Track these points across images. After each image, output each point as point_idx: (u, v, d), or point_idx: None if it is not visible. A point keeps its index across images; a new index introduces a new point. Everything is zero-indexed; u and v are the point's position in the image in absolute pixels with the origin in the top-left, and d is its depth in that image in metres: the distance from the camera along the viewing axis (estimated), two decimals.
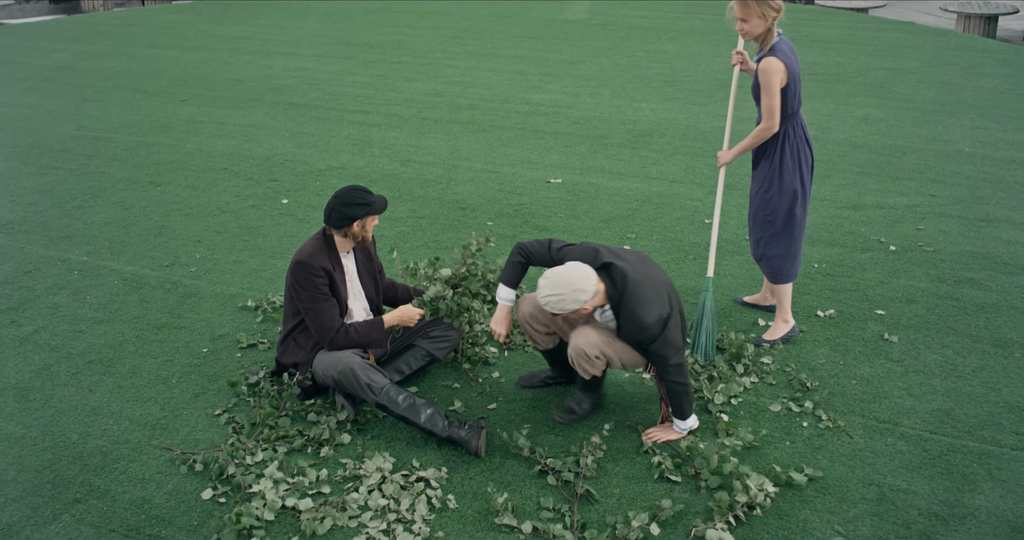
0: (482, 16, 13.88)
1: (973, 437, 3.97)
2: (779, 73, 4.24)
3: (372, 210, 4.04)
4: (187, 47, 12.13)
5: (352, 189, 4.04)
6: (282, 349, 4.31)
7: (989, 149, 7.55)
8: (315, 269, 4.02)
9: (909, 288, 5.29)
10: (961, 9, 16.73)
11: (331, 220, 4.06)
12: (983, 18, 16.39)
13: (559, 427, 4.06)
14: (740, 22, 4.30)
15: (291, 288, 4.12)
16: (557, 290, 3.53)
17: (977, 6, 16.91)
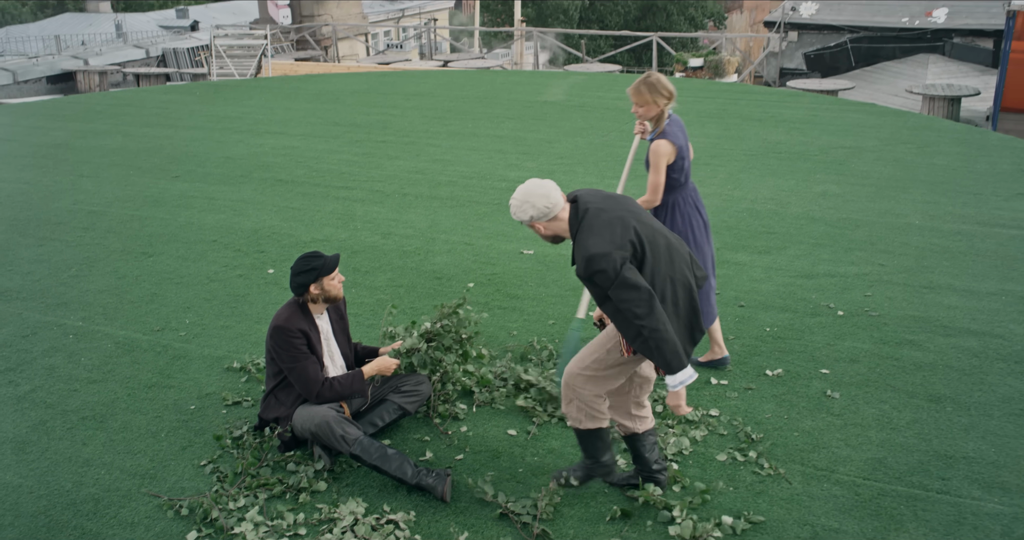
0: (465, 98, 14.48)
1: (903, 482, 4.31)
2: (667, 154, 4.83)
3: (321, 272, 4.42)
4: (180, 126, 12.63)
5: (301, 258, 4.46)
6: (264, 406, 4.64)
7: (937, 221, 8.01)
8: (293, 332, 4.38)
9: (853, 349, 5.66)
10: (925, 91, 17.53)
11: (293, 290, 4.47)
12: (946, 100, 17.16)
13: (521, 475, 4.38)
14: (636, 106, 4.91)
15: (271, 351, 4.47)
16: (518, 196, 3.65)
17: (940, 88, 17.70)
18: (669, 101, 4.90)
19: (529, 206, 3.64)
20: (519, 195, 3.67)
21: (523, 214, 3.67)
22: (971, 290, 6.56)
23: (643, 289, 3.53)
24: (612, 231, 3.57)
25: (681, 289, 3.70)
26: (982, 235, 7.69)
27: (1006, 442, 4.65)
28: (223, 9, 51.37)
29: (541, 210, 3.63)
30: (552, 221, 3.68)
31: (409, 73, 18.08)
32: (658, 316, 3.54)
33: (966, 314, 6.16)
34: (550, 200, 3.63)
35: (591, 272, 3.55)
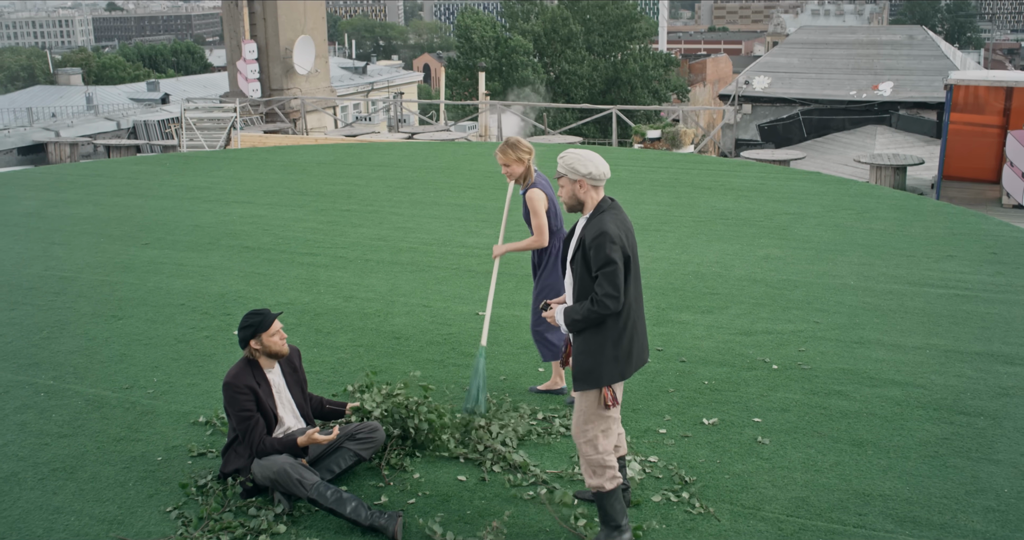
0: (428, 168, 14.97)
1: (823, 518, 4.65)
2: (542, 200, 5.54)
3: (259, 329, 4.81)
4: (150, 195, 12.98)
5: (245, 315, 4.91)
6: (225, 459, 4.94)
7: (871, 282, 8.48)
8: (239, 388, 4.75)
9: (785, 400, 6.04)
10: (873, 161, 18.26)
11: (240, 345, 4.92)
12: (892, 169, 17.89)
13: (468, 516, 4.68)
14: (504, 167, 5.63)
15: (225, 402, 4.81)
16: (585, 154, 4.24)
17: (887, 158, 18.46)
18: (530, 156, 5.62)
19: (592, 165, 4.21)
20: (584, 154, 4.24)
21: (580, 167, 4.21)
22: (898, 344, 6.99)
23: (619, 286, 4.09)
24: (624, 229, 4.20)
25: (638, 312, 4.27)
26: (912, 294, 8.16)
27: (920, 481, 5.02)
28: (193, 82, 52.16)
29: (596, 173, 4.20)
30: (592, 189, 4.25)
31: (375, 145, 18.60)
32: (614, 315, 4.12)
33: (892, 366, 6.58)
34: (605, 171, 4.25)
35: (597, 244, 4.09)
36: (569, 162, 4.25)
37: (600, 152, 17.05)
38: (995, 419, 5.78)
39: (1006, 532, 4.55)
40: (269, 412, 4.85)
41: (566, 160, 4.27)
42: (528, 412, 5.81)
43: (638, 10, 66.86)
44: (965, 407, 5.95)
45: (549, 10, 63.25)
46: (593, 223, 4.18)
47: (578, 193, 4.27)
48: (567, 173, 4.25)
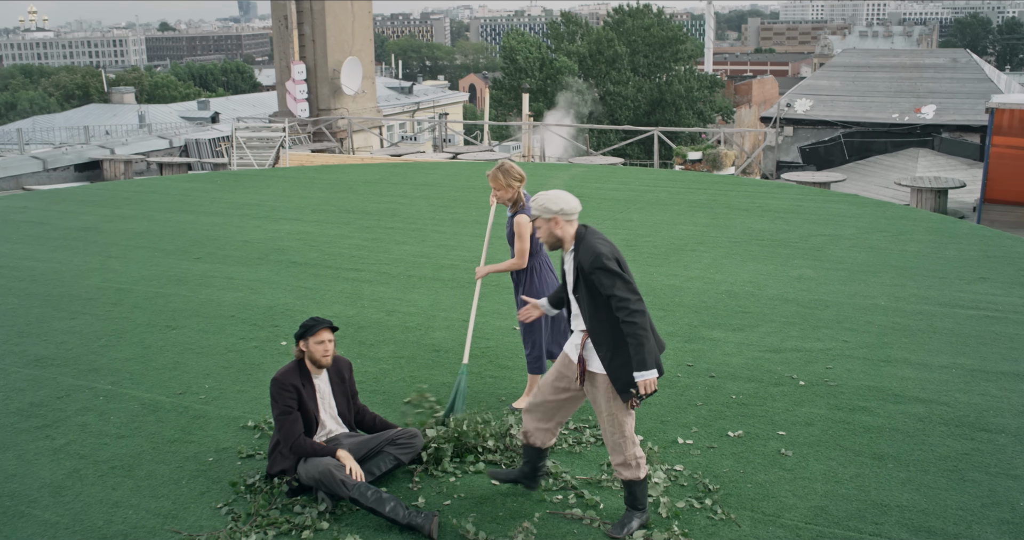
0: (471, 187, 15.31)
1: (840, 526, 4.85)
2: (528, 225, 5.81)
3: (307, 333, 5.17)
4: (202, 212, 13.44)
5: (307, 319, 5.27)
6: (271, 460, 5.26)
7: (901, 303, 8.63)
8: (284, 385, 5.09)
9: (810, 414, 6.24)
10: (914, 184, 18.31)
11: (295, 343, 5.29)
12: (933, 192, 17.93)
13: (501, 517, 4.94)
14: (494, 190, 5.99)
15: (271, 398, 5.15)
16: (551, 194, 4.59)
17: (928, 181, 18.50)
18: (521, 183, 5.96)
19: (562, 202, 4.55)
20: (553, 194, 4.59)
21: (552, 205, 4.55)
22: (924, 363, 7.14)
23: (637, 290, 4.45)
24: (611, 246, 4.55)
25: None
26: (941, 315, 8.30)
27: (937, 494, 5.19)
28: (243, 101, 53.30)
29: (567, 209, 4.55)
30: (568, 223, 4.59)
31: (419, 164, 19.00)
32: (646, 315, 4.44)
33: (917, 384, 6.74)
34: (576, 205, 4.59)
35: (598, 266, 4.41)
36: (541, 203, 4.58)
37: (642, 173, 17.36)
38: (1016, 436, 5.93)
39: None
40: (311, 415, 5.17)
41: (538, 202, 4.60)
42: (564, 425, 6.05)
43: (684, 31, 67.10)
44: (987, 424, 6.10)
45: (594, 31, 63.71)
46: (582, 250, 4.51)
47: (555, 230, 4.60)
48: (541, 214, 4.59)
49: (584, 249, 4.51)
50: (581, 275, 4.52)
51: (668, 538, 4.70)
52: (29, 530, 4.93)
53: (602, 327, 4.53)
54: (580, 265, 4.51)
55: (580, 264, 4.51)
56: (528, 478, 5.13)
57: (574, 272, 4.57)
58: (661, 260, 10.28)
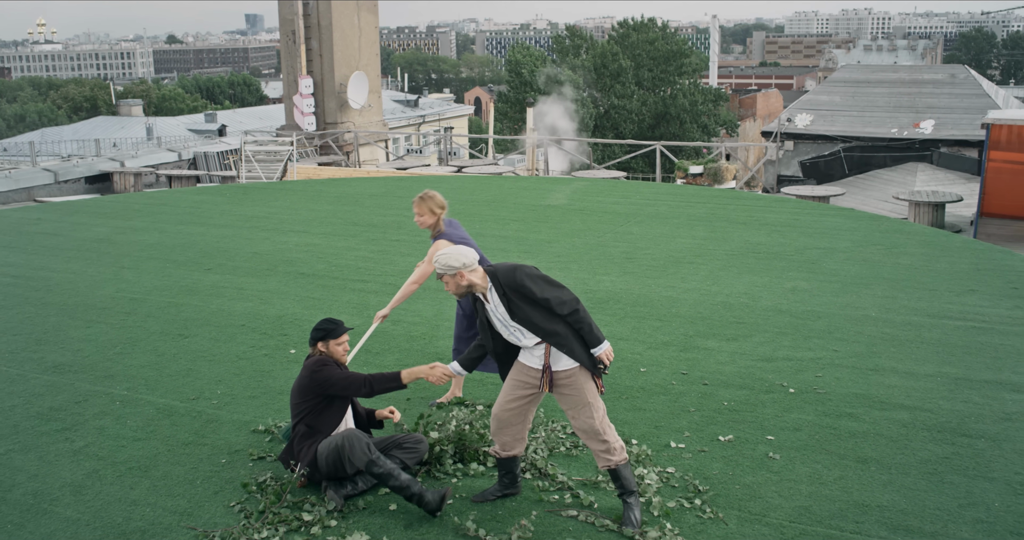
0: (474, 201, 15.61)
1: (822, 525, 5.10)
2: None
3: (329, 335, 5.45)
4: (212, 224, 13.75)
5: (322, 320, 5.53)
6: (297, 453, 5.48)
7: (892, 314, 8.89)
8: (328, 363, 5.39)
9: (798, 420, 6.49)
10: (911, 198, 18.58)
11: (309, 344, 5.55)
12: (931, 206, 18.19)
13: (500, 515, 5.20)
14: (417, 216, 6.39)
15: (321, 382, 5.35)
16: (450, 251, 4.89)
17: (925, 195, 18.76)
18: (443, 211, 6.40)
19: (460, 257, 4.87)
20: (452, 251, 4.91)
21: (455, 262, 4.87)
22: (911, 372, 7.40)
23: (559, 284, 4.88)
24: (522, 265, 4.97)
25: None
26: (930, 325, 8.56)
27: (917, 495, 5.45)
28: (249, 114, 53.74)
29: (467, 261, 4.88)
30: (471, 272, 4.90)
31: (424, 178, 19.31)
32: (578, 300, 4.89)
33: (903, 392, 7.00)
34: (472, 255, 4.93)
35: (525, 275, 4.84)
36: (444, 263, 4.89)
37: (643, 187, 17.66)
38: (995, 441, 6.18)
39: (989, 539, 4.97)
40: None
41: (439, 263, 4.90)
42: (559, 427, 6.33)
43: (688, 45, 67.50)
44: (968, 430, 6.35)
45: (599, 45, 64.14)
46: (501, 276, 4.88)
47: (462, 282, 4.92)
48: (446, 272, 4.91)
49: (503, 273, 4.89)
50: (514, 297, 4.85)
51: (659, 536, 4.95)
52: (52, 526, 5.20)
53: (557, 328, 4.88)
54: (507, 288, 4.85)
55: (507, 287, 4.85)
56: (511, 486, 5.39)
57: (504, 302, 4.88)
58: (659, 272, 10.55)
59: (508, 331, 4.97)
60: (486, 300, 4.97)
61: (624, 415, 6.58)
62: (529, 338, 4.96)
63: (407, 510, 5.28)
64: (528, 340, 4.97)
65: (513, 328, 4.94)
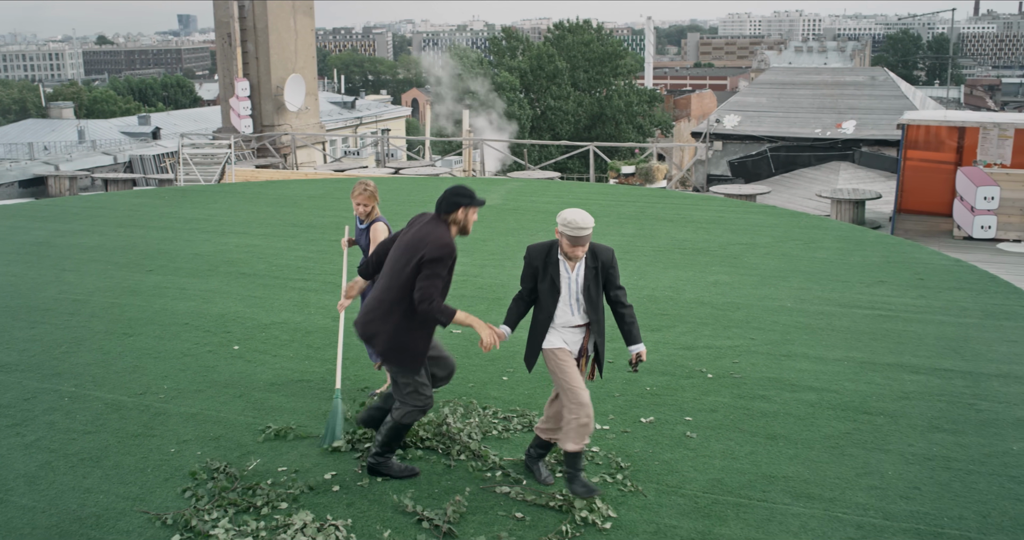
0: (412, 202, 15.94)
1: (732, 494, 5.58)
2: (384, 231, 6.77)
3: (472, 202, 5.35)
4: (151, 226, 13.90)
5: (459, 186, 5.40)
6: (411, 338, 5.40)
7: (806, 304, 9.45)
8: (454, 256, 5.33)
9: (714, 402, 6.98)
10: (833, 195, 19.34)
11: (442, 207, 5.36)
12: (852, 203, 18.96)
13: (436, 493, 5.58)
14: (363, 206, 6.91)
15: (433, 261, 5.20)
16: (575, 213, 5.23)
17: (846, 193, 19.53)
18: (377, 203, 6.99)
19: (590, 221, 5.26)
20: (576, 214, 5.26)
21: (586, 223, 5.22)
22: (821, 357, 7.94)
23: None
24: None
25: None
26: (840, 314, 9.13)
27: (819, 466, 5.95)
28: (184, 116, 53.22)
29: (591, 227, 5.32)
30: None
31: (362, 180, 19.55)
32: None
33: (812, 375, 7.53)
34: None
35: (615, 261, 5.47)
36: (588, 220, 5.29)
37: (575, 187, 18.14)
38: (893, 417, 6.73)
39: (882, 504, 5.48)
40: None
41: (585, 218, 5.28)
42: (491, 413, 6.73)
43: (624, 46, 68.42)
44: (869, 408, 6.89)
45: (535, 47, 64.76)
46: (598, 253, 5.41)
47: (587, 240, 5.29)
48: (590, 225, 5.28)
49: (603, 250, 5.37)
50: (600, 274, 5.32)
51: (583, 505, 5.37)
52: (9, 514, 5.45)
53: (601, 317, 5.42)
54: (602, 263, 5.33)
55: (603, 262, 5.33)
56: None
57: (589, 274, 5.31)
58: None
59: (569, 301, 5.37)
60: (570, 268, 5.34)
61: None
62: (578, 316, 5.39)
63: (350, 490, 5.64)
64: (576, 318, 5.40)
65: (577, 302, 5.37)
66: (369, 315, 5.54)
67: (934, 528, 5.24)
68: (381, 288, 5.52)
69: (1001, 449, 6.25)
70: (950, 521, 5.31)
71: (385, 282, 5.50)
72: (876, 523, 5.29)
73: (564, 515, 5.31)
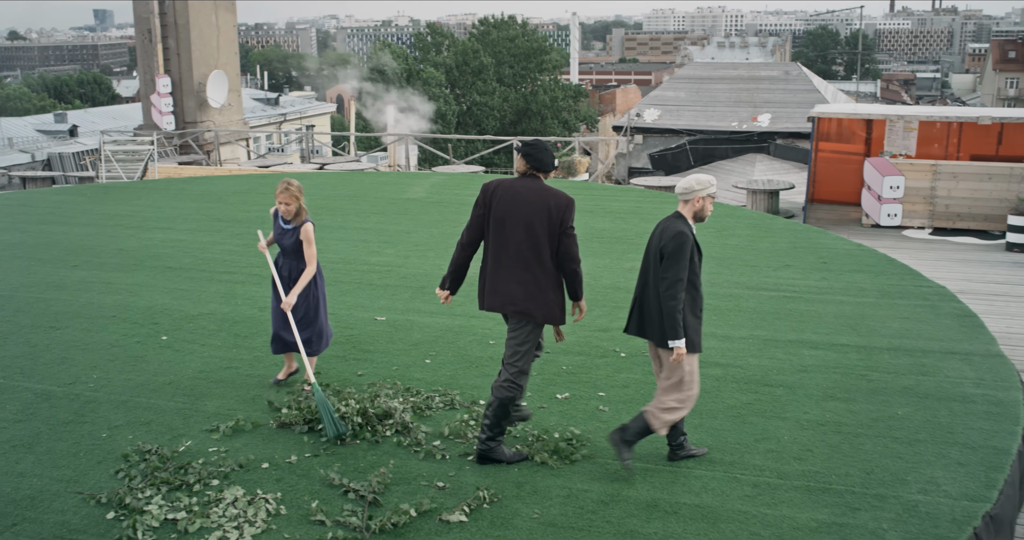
0: (336, 196, 16.14)
1: (640, 461, 5.98)
2: (312, 232, 6.91)
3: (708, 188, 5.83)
4: (74, 223, 13.88)
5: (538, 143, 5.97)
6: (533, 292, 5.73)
7: (716, 288, 9.93)
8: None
9: (627, 379, 7.39)
10: (748, 186, 20.02)
11: (548, 165, 5.93)
12: (766, 193, 19.65)
13: (362, 467, 5.88)
14: (286, 205, 6.96)
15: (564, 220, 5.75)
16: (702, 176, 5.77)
17: (761, 183, 20.23)
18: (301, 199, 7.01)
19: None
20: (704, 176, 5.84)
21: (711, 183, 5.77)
22: (727, 336, 8.41)
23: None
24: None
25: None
26: (748, 296, 9.64)
27: (721, 434, 6.39)
28: (103, 114, 52.25)
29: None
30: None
31: (286, 175, 19.66)
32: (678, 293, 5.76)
33: (719, 352, 7.99)
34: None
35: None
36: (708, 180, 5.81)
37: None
38: (791, 389, 7.21)
39: (777, 465, 5.94)
40: None
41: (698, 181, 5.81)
42: (414, 392, 7.04)
43: (549, 42, 68.97)
44: (770, 381, 7.37)
45: (460, 43, 64.96)
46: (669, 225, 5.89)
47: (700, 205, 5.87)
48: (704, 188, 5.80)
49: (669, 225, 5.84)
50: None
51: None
52: None
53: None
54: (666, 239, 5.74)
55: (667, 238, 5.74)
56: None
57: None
58: None
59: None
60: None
61: (474, 380, 7.35)
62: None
63: (278, 466, 5.91)
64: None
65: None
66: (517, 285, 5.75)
67: (823, 484, 5.70)
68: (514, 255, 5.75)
69: (888, 414, 6.76)
70: (837, 478, 5.79)
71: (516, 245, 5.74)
72: (771, 482, 5.73)
73: (483, 480, 5.65)
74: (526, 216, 5.70)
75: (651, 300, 5.80)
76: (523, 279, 5.70)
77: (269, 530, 5.18)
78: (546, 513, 5.34)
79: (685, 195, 5.80)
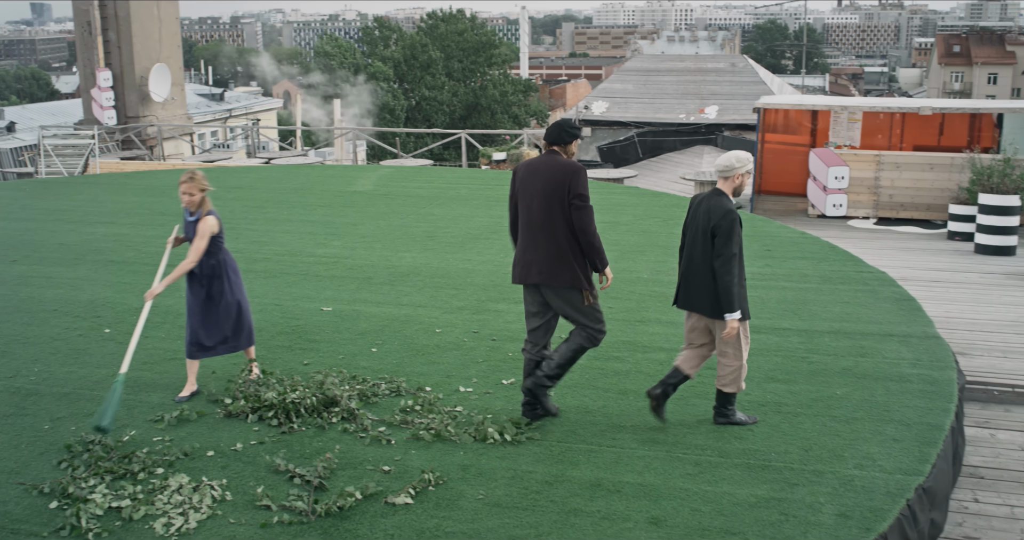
0: (282, 189, 16.04)
1: (585, 442, 6.06)
2: (215, 226, 6.94)
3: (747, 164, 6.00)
4: (12, 218, 13.65)
5: (567, 119, 6.18)
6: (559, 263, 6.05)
7: (661, 276, 10.07)
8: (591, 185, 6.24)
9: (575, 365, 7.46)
10: (696, 177, 20.23)
11: (562, 138, 6.05)
12: (713, 184, 19.89)
13: (308, 453, 5.89)
14: (189, 195, 6.96)
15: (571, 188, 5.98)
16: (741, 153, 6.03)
17: (709, 175, 20.45)
18: (206, 190, 7.01)
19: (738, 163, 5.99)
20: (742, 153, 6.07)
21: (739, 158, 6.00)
22: (672, 322, 8.53)
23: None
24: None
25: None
26: None
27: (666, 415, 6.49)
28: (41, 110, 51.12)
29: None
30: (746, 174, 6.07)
31: (232, 169, 19.50)
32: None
33: (663, 338, 8.11)
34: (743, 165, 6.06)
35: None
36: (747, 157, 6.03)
37: (446, 173, 18.52)
38: None
39: (719, 444, 6.06)
40: None
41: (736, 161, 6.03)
42: (360, 380, 7.05)
43: (498, 36, 68.98)
44: (713, 364, 7.45)
45: (408, 37, 64.74)
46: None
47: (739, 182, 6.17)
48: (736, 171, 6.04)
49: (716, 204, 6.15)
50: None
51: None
52: None
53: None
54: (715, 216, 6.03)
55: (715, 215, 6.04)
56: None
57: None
58: (458, 247, 11.41)
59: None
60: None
61: (420, 368, 7.38)
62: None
63: (224, 454, 5.90)
64: None
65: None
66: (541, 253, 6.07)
67: (763, 462, 5.83)
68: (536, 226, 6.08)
69: (827, 394, 6.92)
70: (777, 455, 5.92)
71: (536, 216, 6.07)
72: (712, 460, 5.85)
73: (429, 464, 5.70)
74: (541, 188, 6.02)
75: (698, 275, 6.15)
76: (545, 247, 6.04)
77: (215, 516, 5.18)
78: (491, 494, 5.40)
79: (726, 172, 6.05)
